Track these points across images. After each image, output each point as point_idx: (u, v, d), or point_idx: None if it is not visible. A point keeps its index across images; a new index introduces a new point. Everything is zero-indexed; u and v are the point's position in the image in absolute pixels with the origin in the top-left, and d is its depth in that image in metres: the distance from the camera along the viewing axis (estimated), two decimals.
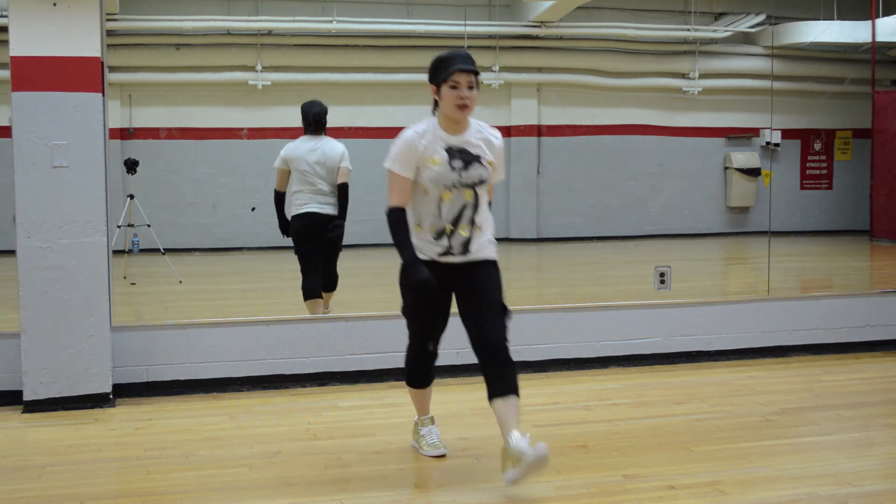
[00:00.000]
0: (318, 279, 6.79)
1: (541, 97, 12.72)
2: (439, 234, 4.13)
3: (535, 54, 12.56)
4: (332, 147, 6.76)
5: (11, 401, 5.47)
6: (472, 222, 4.15)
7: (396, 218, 4.11)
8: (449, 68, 4.04)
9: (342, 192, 6.78)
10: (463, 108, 4.06)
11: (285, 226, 6.81)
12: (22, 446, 4.84)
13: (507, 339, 4.14)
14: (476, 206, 4.15)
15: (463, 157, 4.10)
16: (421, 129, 4.14)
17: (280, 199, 6.82)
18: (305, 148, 6.73)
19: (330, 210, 6.74)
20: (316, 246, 6.76)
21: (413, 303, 4.26)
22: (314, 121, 6.80)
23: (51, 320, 5.39)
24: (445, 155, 4.08)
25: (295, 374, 5.98)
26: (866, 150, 13.06)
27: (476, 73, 4.07)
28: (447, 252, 4.15)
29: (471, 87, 4.06)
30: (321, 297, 6.82)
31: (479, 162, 4.12)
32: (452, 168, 4.07)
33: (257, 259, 10.68)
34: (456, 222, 4.12)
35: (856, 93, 13.46)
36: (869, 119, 12.95)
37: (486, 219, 4.21)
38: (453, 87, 4.04)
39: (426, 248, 4.15)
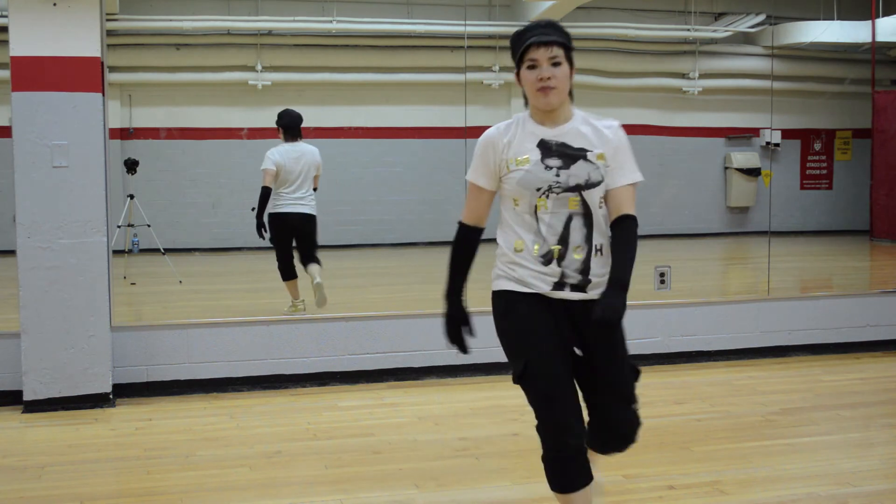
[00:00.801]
0: (293, 261, 7.25)
1: None
2: (547, 259, 3.03)
3: None
4: (312, 153, 7.25)
5: (11, 401, 5.47)
6: (589, 241, 3.03)
7: (458, 237, 3.18)
8: (522, 44, 3.08)
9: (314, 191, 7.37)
10: (545, 91, 3.02)
11: (263, 226, 7.15)
12: (22, 446, 4.84)
13: (638, 420, 3.20)
14: (588, 219, 3.03)
15: (562, 152, 3.05)
16: (505, 124, 3.17)
17: (268, 196, 7.15)
18: (292, 154, 7.15)
19: (308, 210, 7.19)
20: (291, 240, 7.26)
21: (526, 360, 3.01)
22: (296, 127, 7.23)
23: (51, 320, 5.39)
24: (537, 151, 3.05)
25: (295, 374, 5.98)
26: (866, 150, 13.06)
27: (562, 45, 3.08)
28: (560, 284, 3.03)
29: (556, 63, 3.04)
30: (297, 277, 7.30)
31: (586, 158, 3.04)
32: (547, 167, 3.02)
33: (257, 259, 10.66)
34: (565, 241, 3.02)
35: (856, 93, 13.46)
36: (869, 119, 12.95)
37: (607, 239, 3.09)
38: (531, 67, 3.05)
39: (532, 279, 3.04)
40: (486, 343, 5.66)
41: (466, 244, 3.18)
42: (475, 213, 3.17)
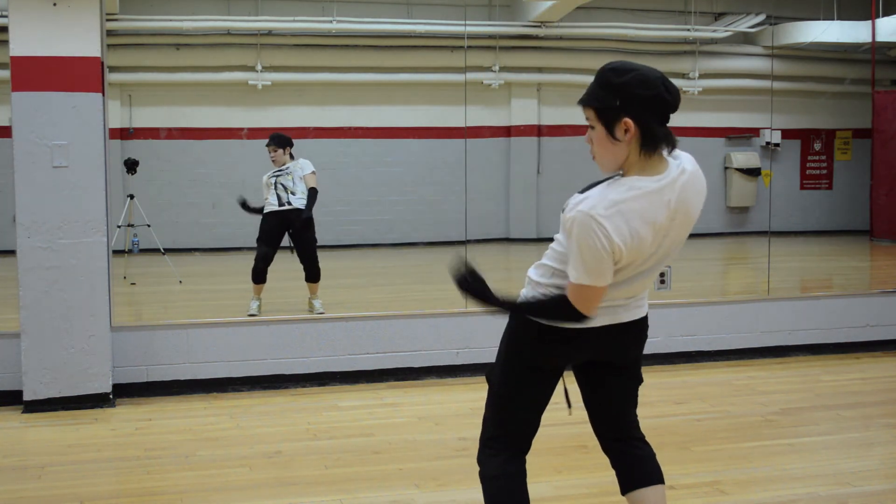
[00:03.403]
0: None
1: (541, 97, 12.72)
2: None
3: (535, 54, 12.57)
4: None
5: (11, 401, 5.47)
6: None
7: None
8: None
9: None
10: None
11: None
12: (22, 446, 4.84)
13: None
14: None
15: None
16: None
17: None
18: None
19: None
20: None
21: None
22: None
23: (51, 320, 5.39)
24: None
25: (295, 374, 5.98)
26: (866, 150, 13.06)
27: (591, 105, 2.64)
28: None
29: (591, 126, 2.66)
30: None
31: None
32: None
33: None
34: None
35: (856, 93, 13.45)
36: (869, 119, 12.94)
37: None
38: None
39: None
40: (482, 344, 5.66)
41: None
42: None
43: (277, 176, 7.24)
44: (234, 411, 5.42)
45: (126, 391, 5.69)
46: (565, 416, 5.18)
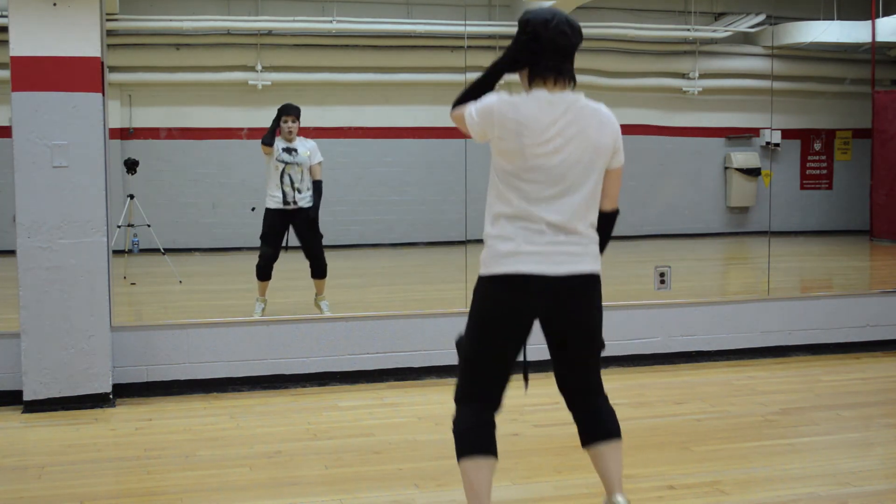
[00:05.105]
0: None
1: None
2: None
3: None
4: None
5: (11, 401, 5.47)
6: None
7: None
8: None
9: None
10: None
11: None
12: (22, 446, 4.84)
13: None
14: None
15: None
16: None
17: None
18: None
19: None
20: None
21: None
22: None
23: (51, 320, 5.39)
24: None
25: (295, 374, 5.98)
26: (866, 150, 13.05)
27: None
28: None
29: None
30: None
31: None
32: None
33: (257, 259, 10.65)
34: None
35: (856, 93, 13.44)
36: (869, 119, 12.93)
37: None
38: None
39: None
40: None
41: None
42: None
43: (287, 163, 7.02)
44: (234, 411, 5.42)
45: (126, 391, 5.69)
46: (565, 417, 5.17)
